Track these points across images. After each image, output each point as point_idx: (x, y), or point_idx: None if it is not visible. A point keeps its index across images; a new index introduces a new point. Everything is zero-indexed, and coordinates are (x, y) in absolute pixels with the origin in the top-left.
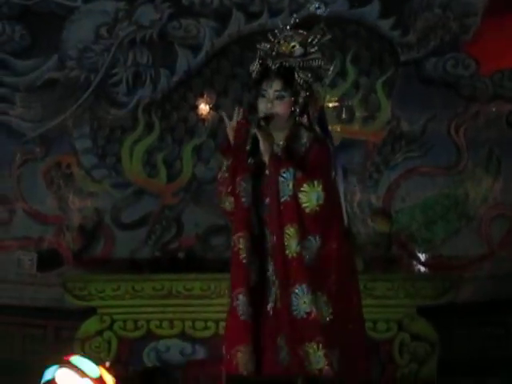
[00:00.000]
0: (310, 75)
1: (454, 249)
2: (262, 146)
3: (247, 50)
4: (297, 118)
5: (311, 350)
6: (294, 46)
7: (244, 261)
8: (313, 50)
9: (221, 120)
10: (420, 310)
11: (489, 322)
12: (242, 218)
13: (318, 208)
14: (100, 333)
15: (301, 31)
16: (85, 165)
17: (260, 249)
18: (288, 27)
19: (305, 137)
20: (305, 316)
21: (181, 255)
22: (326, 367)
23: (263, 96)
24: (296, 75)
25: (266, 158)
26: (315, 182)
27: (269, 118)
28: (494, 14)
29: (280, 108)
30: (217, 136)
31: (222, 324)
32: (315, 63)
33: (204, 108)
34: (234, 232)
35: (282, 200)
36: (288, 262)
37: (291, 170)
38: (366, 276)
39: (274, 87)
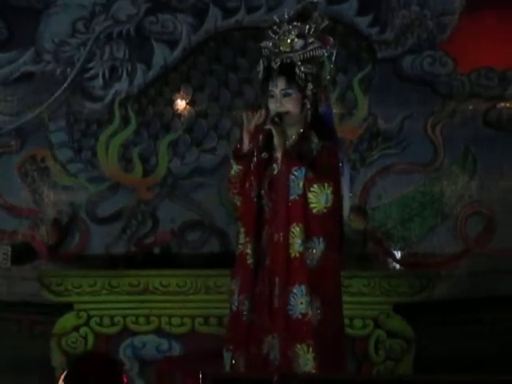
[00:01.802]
0: (312, 66)
1: (430, 246)
2: (277, 141)
3: (224, 46)
4: (309, 113)
5: (301, 352)
6: (293, 40)
7: (251, 266)
8: (311, 39)
9: (233, 121)
10: (396, 308)
11: (465, 320)
12: (251, 223)
13: (325, 210)
14: (76, 328)
15: (296, 23)
16: (60, 159)
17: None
18: (285, 21)
19: (316, 138)
20: (300, 317)
21: (156, 250)
22: (313, 371)
23: (271, 96)
24: (297, 70)
25: (278, 154)
26: (325, 184)
27: (281, 115)
28: (472, 13)
29: (289, 106)
30: (193, 131)
31: (199, 320)
32: (315, 53)
33: (180, 103)
34: (243, 232)
35: (291, 198)
36: (290, 261)
37: (303, 169)
38: (342, 273)
39: (279, 86)
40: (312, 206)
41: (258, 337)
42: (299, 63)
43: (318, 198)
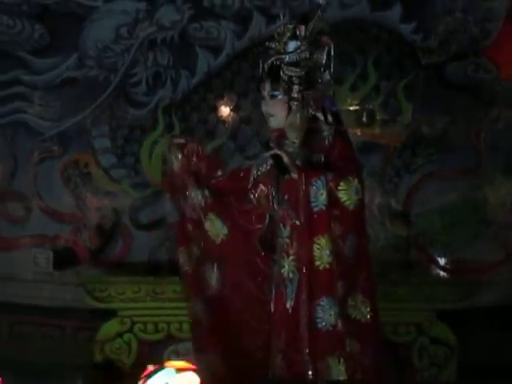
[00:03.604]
0: (299, 69)
1: (473, 253)
2: (288, 161)
3: (268, 52)
4: (310, 111)
5: (333, 364)
6: (286, 42)
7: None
8: (303, 42)
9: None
10: (439, 314)
11: (508, 326)
12: None
13: (358, 202)
14: (120, 335)
15: (293, 25)
16: (103, 164)
17: None
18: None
19: (326, 130)
20: (330, 329)
21: None
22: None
23: (262, 98)
24: (281, 72)
25: (294, 174)
26: (350, 178)
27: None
28: None
29: (274, 108)
30: (236, 138)
31: None
32: (305, 55)
33: (224, 110)
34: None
35: (316, 210)
36: (318, 273)
37: (322, 178)
38: (386, 279)
39: (266, 88)
40: (346, 203)
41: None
42: (284, 66)
43: (349, 193)
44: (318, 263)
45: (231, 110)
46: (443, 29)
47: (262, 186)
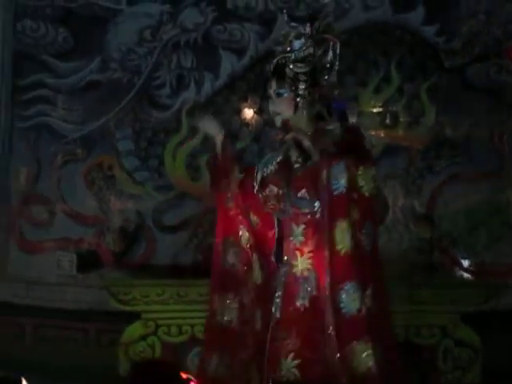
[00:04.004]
0: (304, 65)
1: (497, 255)
2: (309, 145)
3: None
4: (317, 108)
5: (359, 349)
6: (291, 41)
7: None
8: (309, 40)
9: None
10: (463, 317)
11: None
12: None
13: (374, 190)
14: (144, 337)
15: (297, 24)
16: (127, 167)
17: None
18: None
19: (335, 128)
20: (355, 313)
21: None
22: (375, 365)
23: (269, 97)
24: (287, 69)
25: (316, 157)
26: (368, 165)
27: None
28: None
29: (281, 106)
30: (260, 140)
31: None
32: (306, 52)
33: (247, 112)
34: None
35: (336, 193)
36: (339, 257)
37: (343, 161)
38: (410, 281)
39: (272, 87)
40: (363, 189)
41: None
42: (290, 63)
43: (367, 180)
44: (339, 247)
45: (255, 113)
46: (466, 31)
47: (271, 186)
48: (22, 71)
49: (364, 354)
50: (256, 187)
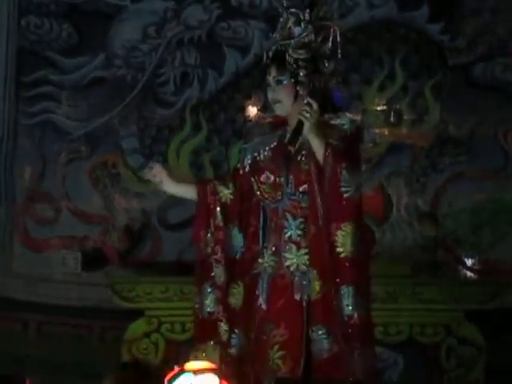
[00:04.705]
0: (304, 51)
1: (501, 254)
2: (315, 140)
3: None
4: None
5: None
6: (290, 27)
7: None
8: (309, 26)
9: None
10: (467, 315)
11: None
12: None
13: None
14: (147, 335)
15: (296, 10)
16: (131, 164)
17: None
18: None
19: (345, 123)
20: (345, 319)
21: None
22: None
23: (268, 85)
24: (287, 56)
25: (319, 154)
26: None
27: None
28: None
29: (281, 94)
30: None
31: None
32: (311, 38)
33: (252, 109)
34: None
35: (346, 196)
36: (339, 260)
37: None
38: (414, 280)
39: (272, 74)
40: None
41: None
42: (290, 50)
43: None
44: (340, 249)
45: (259, 110)
46: (471, 29)
47: (267, 173)
48: (27, 67)
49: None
50: (247, 168)
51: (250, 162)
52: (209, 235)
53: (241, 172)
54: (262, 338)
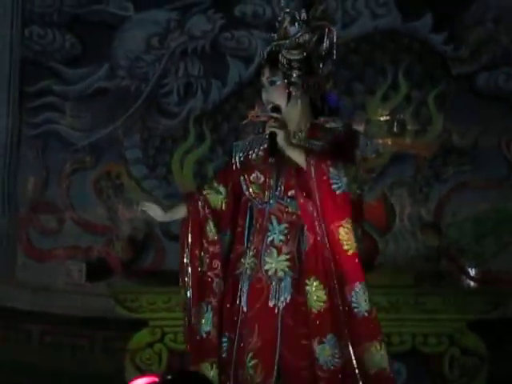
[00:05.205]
0: (298, 52)
1: (505, 263)
2: (293, 155)
3: None
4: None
5: (374, 350)
6: (285, 27)
7: None
8: (304, 26)
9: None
10: (469, 325)
11: None
12: None
13: (358, 191)
14: (151, 345)
15: (291, 11)
16: (135, 175)
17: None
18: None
19: (339, 127)
20: (366, 315)
21: None
22: (388, 367)
23: (262, 86)
24: (280, 56)
25: (301, 161)
26: (349, 164)
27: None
28: None
29: (274, 94)
30: None
31: None
32: (305, 38)
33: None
34: None
35: (338, 192)
36: (348, 258)
37: (339, 163)
38: (417, 290)
39: (265, 75)
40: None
41: None
42: (283, 50)
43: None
44: (346, 247)
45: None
46: (474, 39)
47: (258, 173)
48: (30, 78)
49: (379, 355)
50: (237, 165)
51: (241, 159)
52: (202, 253)
53: (233, 168)
54: (240, 344)
